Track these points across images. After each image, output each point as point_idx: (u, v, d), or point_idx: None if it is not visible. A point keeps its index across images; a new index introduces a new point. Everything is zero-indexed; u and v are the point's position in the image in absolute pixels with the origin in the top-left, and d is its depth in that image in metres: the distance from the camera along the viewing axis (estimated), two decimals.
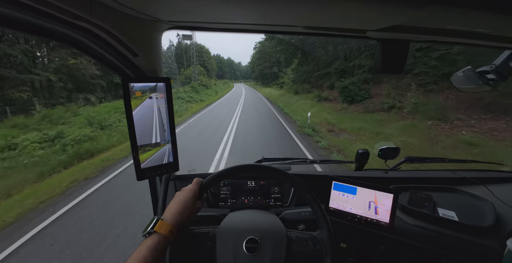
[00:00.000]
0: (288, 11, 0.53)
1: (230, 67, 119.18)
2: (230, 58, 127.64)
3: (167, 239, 0.55)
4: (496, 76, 0.82)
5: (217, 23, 0.67)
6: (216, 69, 76.29)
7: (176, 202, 0.62)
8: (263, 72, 46.89)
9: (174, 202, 0.63)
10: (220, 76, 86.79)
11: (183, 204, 0.62)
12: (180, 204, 0.61)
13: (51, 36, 0.49)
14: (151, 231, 0.54)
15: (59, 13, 0.42)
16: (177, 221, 0.59)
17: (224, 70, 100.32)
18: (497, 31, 0.61)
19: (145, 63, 0.69)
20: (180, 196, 0.64)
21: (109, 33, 0.53)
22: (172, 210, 0.60)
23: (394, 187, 1.01)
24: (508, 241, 0.72)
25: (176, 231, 0.58)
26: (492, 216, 0.86)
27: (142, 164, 0.69)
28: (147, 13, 0.56)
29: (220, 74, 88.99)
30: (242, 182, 1.06)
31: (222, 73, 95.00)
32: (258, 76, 52.92)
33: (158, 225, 0.55)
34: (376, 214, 0.83)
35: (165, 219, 0.58)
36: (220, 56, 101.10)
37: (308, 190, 0.69)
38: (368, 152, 1.27)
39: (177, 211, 0.60)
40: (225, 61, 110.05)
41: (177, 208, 0.61)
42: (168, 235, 0.55)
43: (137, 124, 0.66)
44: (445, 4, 0.41)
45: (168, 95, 0.72)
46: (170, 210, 0.60)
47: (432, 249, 0.83)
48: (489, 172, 1.23)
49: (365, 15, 0.53)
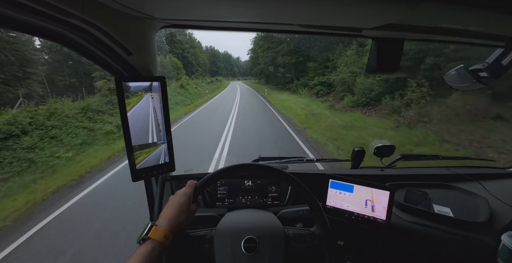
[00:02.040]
0: (284, 9, 0.52)
1: (226, 62, 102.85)
2: (227, 53, 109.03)
3: (162, 245, 0.54)
4: (489, 74, 0.83)
5: (213, 21, 0.66)
6: (209, 64, 62.67)
7: (170, 206, 0.61)
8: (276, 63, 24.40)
9: (168, 206, 0.62)
10: (214, 72, 74.02)
11: (177, 208, 0.61)
12: (174, 208, 0.61)
13: (41, 34, 0.48)
14: (145, 237, 0.54)
15: (50, 10, 0.41)
16: (172, 226, 0.58)
17: (218, 65, 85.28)
18: (490, 30, 0.62)
19: (139, 62, 0.68)
20: (174, 200, 0.63)
21: (102, 31, 0.51)
22: (167, 215, 0.59)
23: (390, 184, 1.02)
24: (502, 236, 0.74)
25: (172, 236, 0.58)
26: (487, 211, 0.87)
27: (137, 165, 0.68)
28: (141, 11, 0.55)
29: (214, 70, 76.29)
30: (239, 181, 1.06)
31: (217, 69, 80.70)
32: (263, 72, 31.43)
33: (152, 231, 0.55)
34: (373, 211, 0.83)
35: (160, 224, 0.57)
36: (214, 49, 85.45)
37: (303, 186, 0.69)
38: (364, 150, 1.28)
39: (172, 216, 0.59)
40: (220, 55, 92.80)
41: (172, 212, 0.60)
42: (163, 241, 0.55)
43: (133, 125, 0.65)
44: (440, 2, 0.42)
45: (164, 95, 0.71)
46: (164, 215, 0.60)
47: (428, 245, 0.84)
48: (482, 168, 1.25)
49: (361, 13, 0.53)
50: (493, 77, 0.83)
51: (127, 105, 0.63)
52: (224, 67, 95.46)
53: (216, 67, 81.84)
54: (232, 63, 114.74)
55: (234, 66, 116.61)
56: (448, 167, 1.21)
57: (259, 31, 0.82)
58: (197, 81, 29.75)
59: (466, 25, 0.59)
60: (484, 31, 0.63)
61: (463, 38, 0.72)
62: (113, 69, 0.67)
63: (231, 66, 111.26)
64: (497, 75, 0.83)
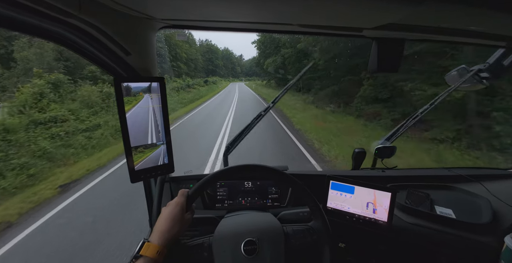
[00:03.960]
0: (284, 9, 0.52)
1: (227, 60, 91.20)
2: (227, 49, 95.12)
3: (155, 261, 0.53)
4: (490, 74, 0.83)
5: (212, 21, 0.66)
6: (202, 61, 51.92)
7: (163, 219, 0.60)
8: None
9: (160, 219, 0.60)
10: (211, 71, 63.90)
11: (170, 220, 0.59)
12: (167, 221, 0.59)
13: (38, 34, 0.47)
14: (137, 255, 0.53)
15: (48, 10, 0.40)
16: (165, 240, 0.56)
17: (216, 63, 72.48)
18: (491, 30, 0.62)
19: (138, 62, 0.68)
20: (167, 211, 0.61)
21: (100, 31, 0.51)
22: (159, 229, 0.58)
23: (392, 185, 1.01)
24: (506, 238, 0.73)
25: (166, 250, 0.56)
26: (489, 213, 0.86)
27: (136, 166, 0.67)
28: (140, 11, 0.54)
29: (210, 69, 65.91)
30: (239, 182, 1.05)
31: (214, 68, 68.90)
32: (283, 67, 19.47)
33: (144, 248, 0.53)
34: (374, 213, 0.82)
35: (152, 240, 0.56)
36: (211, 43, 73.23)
37: (303, 187, 0.69)
38: (364, 151, 1.27)
39: (165, 229, 0.58)
40: (219, 51, 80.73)
41: (164, 225, 0.58)
42: (156, 257, 0.53)
43: (132, 125, 0.64)
44: (440, 2, 0.41)
45: (163, 95, 0.70)
46: (157, 229, 0.58)
47: (430, 247, 0.83)
48: (484, 169, 1.25)
49: (362, 13, 0.52)
50: (494, 77, 0.83)
51: (126, 106, 0.62)
52: (224, 66, 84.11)
53: (213, 65, 70.08)
54: (234, 61, 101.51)
55: (235, 65, 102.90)
56: (449, 168, 1.21)
57: (259, 32, 0.82)
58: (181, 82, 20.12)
59: (467, 25, 0.58)
60: (485, 31, 0.63)
61: (464, 38, 0.71)
62: (112, 70, 0.66)
63: (232, 65, 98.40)
64: (498, 75, 0.83)
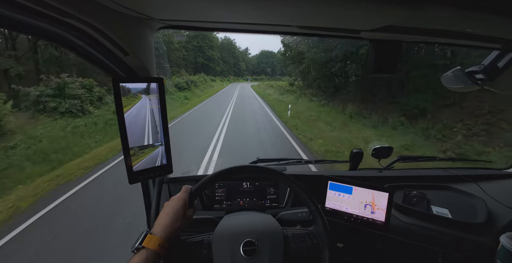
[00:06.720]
0: (282, 10, 0.52)
1: (227, 52, 67.28)
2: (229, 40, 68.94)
3: (157, 254, 0.53)
4: (485, 76, 0.84)
5: (211, 22, 0.66)
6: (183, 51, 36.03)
7: (165, 213, 0.60)
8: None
9: (163, 213, 0.60)
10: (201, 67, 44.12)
11: (172, 215, 0.59)
12: (169, 215, 0.59)
13: (37, 34, 0.47)
14: (139, 246, 0.52)
15: (46, 10, 0.40)
16: (167, 233, 0.56)
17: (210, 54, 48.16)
18: (486, 32, 0.63)
19: (136, 63, 0.67)
20: (169, 206, 0.61)
21: (98, 31, 0.51)
22: (162, 222, 0.58)
23: (389, 185, 1.02)
24: (501, 237, 0.74)
25: (167, 244, 0.56)
26: (484, 212, 0.87)
27: (134, 167, 0.67)
28: (138, 11, 0.54)
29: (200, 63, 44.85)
30: (238, 183, 1.05)
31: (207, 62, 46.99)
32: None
33: (146, 239, 0.53)
34: (372, 213, 0.83)
35: (154, 232, 0.56)
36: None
37: (302, 187, 0.69)
38: (362, 151, 1.28)
39: (167, 223, 0.58)
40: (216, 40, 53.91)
41: (167, 219, 0.58)
42: (158, 250, 0.53)
43: (130, 126, 0.64)
44: (438, 4, 0.42)
45: (161, 96, 0.70)
46: (159, 222, 0.58)
47: (427, 246, 0.84)
48: (479, 169, 1.26)
49: (360, 15, 0.53)
50: (489, 79, 0.84)
51: (124, 106, 0.62)
52: (221, 59, 59.42)
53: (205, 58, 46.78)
54: (237, 55, 74.66)
55: (240, 60, 76.14)
56: (445, 168, 1.22)
57: (257, 33, 0.82)
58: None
59: (464, 27, 0.59)
60: (481, 33, 0.64)
61: (460, 40, 0.72)
62: (110, 70, 0.66)
63: (236, 60, 72.69)
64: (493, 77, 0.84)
